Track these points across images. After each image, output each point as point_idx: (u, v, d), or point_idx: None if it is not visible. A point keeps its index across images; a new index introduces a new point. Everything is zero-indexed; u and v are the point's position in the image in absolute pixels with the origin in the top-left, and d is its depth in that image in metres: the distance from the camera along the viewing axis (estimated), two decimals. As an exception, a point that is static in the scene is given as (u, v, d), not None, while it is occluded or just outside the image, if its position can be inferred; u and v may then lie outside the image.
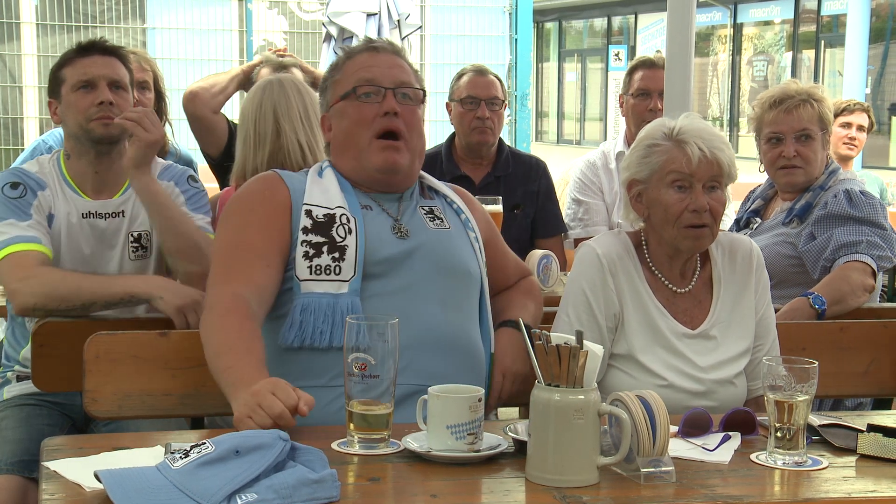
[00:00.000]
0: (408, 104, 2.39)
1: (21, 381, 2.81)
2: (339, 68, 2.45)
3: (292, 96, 3.19)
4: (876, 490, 1.83)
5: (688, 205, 2.36)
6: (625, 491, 1.77)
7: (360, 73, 2.39)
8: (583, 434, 1.77)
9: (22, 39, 10.44)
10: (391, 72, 2.39)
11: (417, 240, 2.36)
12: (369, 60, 2.41)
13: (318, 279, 2.26)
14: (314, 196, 2.34)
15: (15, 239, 2.61)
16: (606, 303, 2.41)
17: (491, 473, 1.84)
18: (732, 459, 1.93)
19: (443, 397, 1.88)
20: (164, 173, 2.83)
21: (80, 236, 2.73)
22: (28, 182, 2.70)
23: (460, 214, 2.49)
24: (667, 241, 2.43)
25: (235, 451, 1.67)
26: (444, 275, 2.35)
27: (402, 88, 2.39)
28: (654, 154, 2.40)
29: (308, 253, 2.27)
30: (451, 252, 2.39)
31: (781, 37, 22.85)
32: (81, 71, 2.71)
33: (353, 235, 2.29)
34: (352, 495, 1.69)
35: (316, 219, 2.31)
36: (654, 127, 2.45)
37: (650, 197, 2.42)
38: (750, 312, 2.49)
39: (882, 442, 1.96)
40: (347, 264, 2.27)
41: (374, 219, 2.36)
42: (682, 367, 2.41)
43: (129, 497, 1.59)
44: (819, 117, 3.17)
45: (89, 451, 1.86)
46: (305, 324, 2.23)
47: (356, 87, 2.38)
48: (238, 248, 2.28)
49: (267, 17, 10.88)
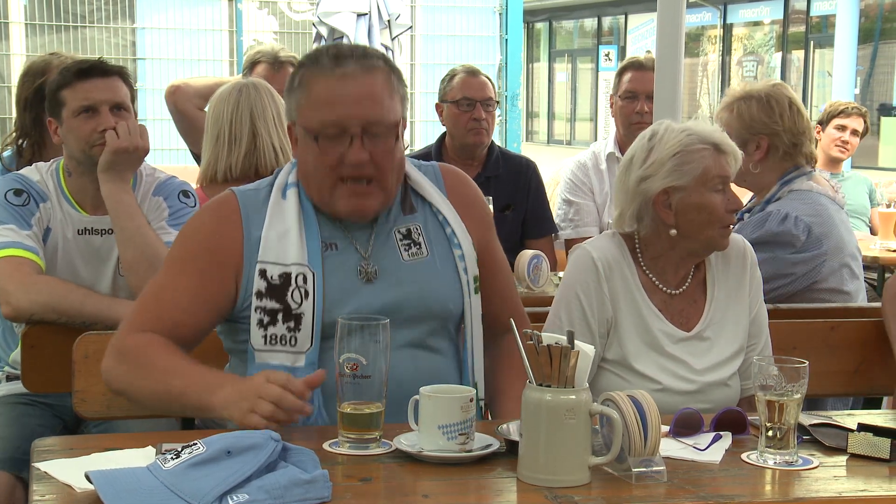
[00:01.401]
0: (379, 143, 2.13)
1: (11, 381, 2.81)
2: (304, 86, 2.15)
3: (267, 100, 3.22)
4: (866, 490, 1.83)
5: (728, 205, 2.41)
6: (616, 491, 1.77)
7: (324, 110, 2.11)
8: (574, 434, 1.77)
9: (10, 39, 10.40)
10: (359, 108, 2.10)
11: (386, 281, 2.17)
12: (336, 91, 2.11)
13: (272, 349, 2.13)
14: (270, 247, 2.14)
15: (15, 244, 2.60)
16: (600, 308, 2.41)
17: (482, 473, 1.84)
18: (723, 459, 1.93)
19: (434, 397, 1.88)
20: (161, 188, 2.81)
21: (75, 252, 2.71)
22: (32, 192, 2.68)
23: (445, 228, 2.26)
24: (701, 243, 2.43)
25: (227, 452, 1.67)
26: (417, 320, 2.18)
27: (373, 128, 2.12)
28: (695, 160, 2.39)
29: (262, 321, 2.12)
30: (426, 291, 2.19)
31: (771, 37, 22.91)
32: (83, 96, 2.66)
33: (310, 300, 2.12)
34: (343, 496, 1.69)
35: (270, 280, 2.12)
36: (677, 133, 2.41)
37: (689, 202, 2.39)
38: (744, 312, 2.50)
39: (872, 441, 1.96)
40: (304, 335, 2.12)
41: (338, 262, 2.17)
42: (677, 369, 2.42)
43: (120, 498, 1.59)
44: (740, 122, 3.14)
45: (80, 451, 1.86)
46: None
47: (320, 131, 2.12)
48: (163, 291, 2.15)
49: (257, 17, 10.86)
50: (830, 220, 3.07)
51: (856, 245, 3.19)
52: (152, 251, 2.62)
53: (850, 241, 3.15)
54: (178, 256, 2.20)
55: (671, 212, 2.41)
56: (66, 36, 10.19)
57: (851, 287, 3.09)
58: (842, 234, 3.10)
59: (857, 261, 3.18)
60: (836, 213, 3.12)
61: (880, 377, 2.78)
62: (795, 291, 3.04)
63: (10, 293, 2.55)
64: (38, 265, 2.61)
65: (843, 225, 3.15)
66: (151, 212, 2.78)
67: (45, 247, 2.66)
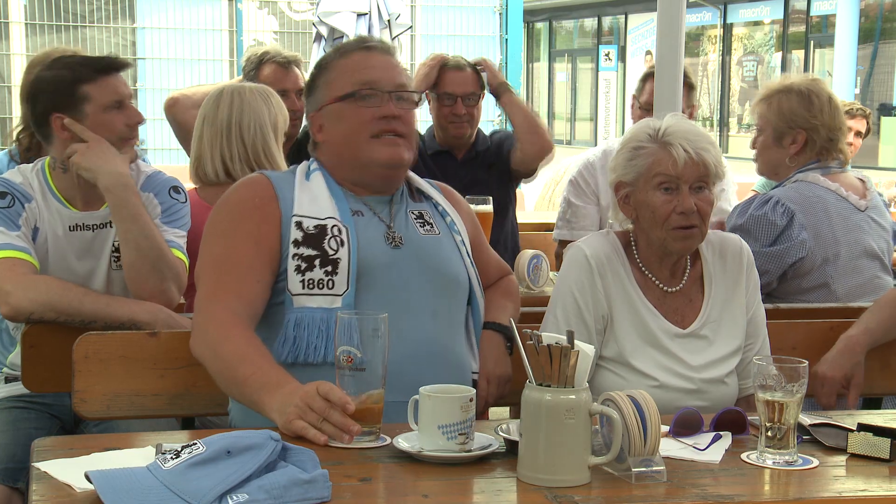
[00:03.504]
0: (405, 107, 2.36)
1: (9, 384, 2.80)
2: (330, 67, 2.40)
3: (259, 103, 3.21)
4: (866, 489, 1.83)
5: (675, 206, 2.36)
6: (616, 490, 1.77)
7: (357, 74, 2.35)
8: (574, 434, 1.77)
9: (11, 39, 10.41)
10: (389, 74, 2.36)
11: (410, 248, 2.34)
12: (365, 61, 2.37)
13: (310, 293, 2.23)
14: (304, 206, 2.30)
15: (7, 245, 2.58)
16: (595, 304, 2.41)
17: (482, 473, 1.84)
18: (723, 459, 1.93)
19: (434, 397, 1.88)
20: (149, 183, 2.77)
21: (68, 249, 2.69)
22: (15, 193, 2.65)
23: (446, 217, 2.46)
24: (656, 242, 2.43)
25: (227, 452, 1.67)
26: (436, 285, 2.33)
27: (400, 91, 2.36)
28: (639, 156, 2.40)
29: (300, 267, 2.24)
30: (442, 260, 2.37)
31: (771, 37, 22.92)
32: (112, 90, 2.66)
33: (346, 248, 2.26)
34: (343, 495, 1.69)
35: (307, 231, 2.26)
36: (640, 128, 2.45)
37: (637, 199, 2.42)
38: (741, 311, 2.50)
39: (872, 441, 1.96)
40: (340, 278, 2.24)
41: (366, 226, 2.33)
42: (674, 366, 2.42)
43: (119, 498, 1.59)
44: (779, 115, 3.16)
45: (80, 451, 1.85)
46: (299, 339, 2.21)
47: (356, 90, 2.33)
48: (227, 262, 2.25)
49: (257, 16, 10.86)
50: (822, 213, 3.09)
51: (877, 245, 3.19)
52: (156, 251, 2.61)
53: (855, 238, 3.15)
54: (224, 230, 2.30)
55: (630, 207, 2.43)
56: (66, 35, 10.20)
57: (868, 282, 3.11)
58: (836, 229, 3.10)
59: (874, 260, 3.19)
60: (838, 209, 3.12)
61: (879, 377, 2.78)
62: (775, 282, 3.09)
63: (9, 293, 2.54)
64: (33, 265, 2.60)
65: (851, 223, 3.14)
66: None
67: (35, 245, 2.65)
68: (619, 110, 23.09)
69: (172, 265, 2.64)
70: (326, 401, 1.90)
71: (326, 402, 1.90)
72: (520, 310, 2.60)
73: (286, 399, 1.95)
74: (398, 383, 2.04)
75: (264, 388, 2.01)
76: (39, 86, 2.70)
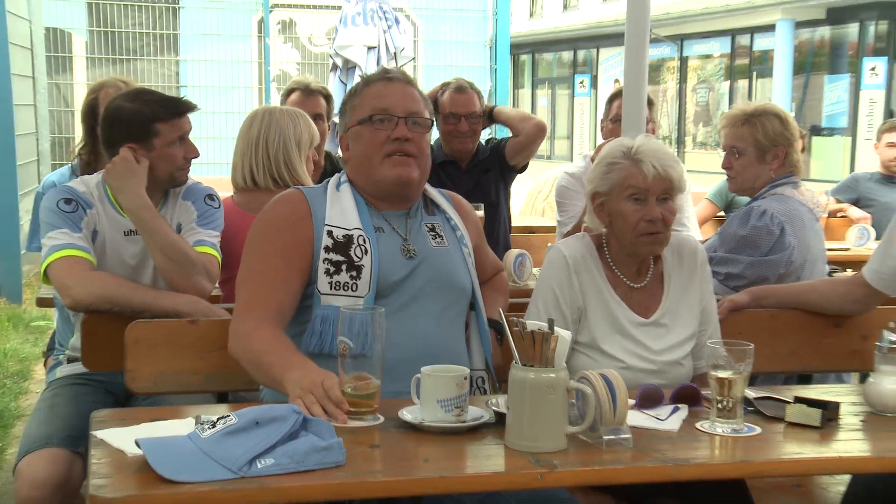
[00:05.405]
0: (417, 130, 2.32)
1: (71, 363, 2.79)
2: (358, 94, 2.37)
3: (287, 122, 3.17)
4: (801, 452, 1.84)
5: (643, 215, 2.35)
6: (589, 455, 1.76)
7: (375, 101, 2.32)
8: (554, 407, 1.77)
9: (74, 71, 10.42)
10: (403, 102, 2.32)
11: (422, 258, 2.30)
12: (384, 90, 2.34)
13: (336, 294, 2.21)
14: (334, 217, 2.28)
15: (69, 245, 2.57)
16: (571, 298, 2.40)
17: (475, 441, 1.83)
18: (681, 428, 1.93)
19: (434, 376, 1.88)
20: (188, 192, 2.79)
21: (121, 250, 2.68)
22: (79, 200, 2.65)
23: (456, 231, 2.42)
24: (626, 245, 2.42)
25: (256, 423, 1.66)
26: (442, 292, 2.30)
27: (413, 117, 2.32)
28: (614, 171, 2.39)
29: (329, 270, 2.22)
30: (450, 271, 2.34)
31: (720, 68, 22.91)
32: (178, 128, 2.69)
33: (369, 256, 2.24)
34: (355, 460, 1.68)
35: (336, 239, 2.24)
36: (615, 146, 2.44)
37: (611, 208, 2.41)
38: (695, 302, 2.49)
39: (806, 412, 1.96)
40: (363, 282, 2.22)
41: (386, 240, 2.30)
42: (638, 350, 2.41)
43: (164, 462, 1.58)
44: (764, 135, 3.11)
45: (131, 422, 1.85)
46: (325, 333, 2.19)
47: (372, 115, 2.31)
48: (261, 276, 2.22)
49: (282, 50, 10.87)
50: (801, 223, 3.06)
51: (823, 250, 3.18)
52: (180, 255, 2.60)
53: (818, 245, 3.14)
54: (261, 247, 2.27)
55: (604, 214, 2.41)
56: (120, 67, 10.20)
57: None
58: (809, 237, 3.08)
59: (824, 262, 3.19)
60: (809, 220, 3.10)
61: (812, 358, 2.79)
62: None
63: (70, 287, 2.53)
64: (91, 262, 2.59)
65: (815, 231, 3.13)
66: (182, 214, 2.76)
67: (94, 246, 2.64)
68: (592, 130, 23.07)
69: (198, 262, 2.63)
70: (324, 390, 1.88)
71: (324, 394, 1.88)
72: (509, 299, 2.60)
73: (297, 380, 1.93)
74: (405, 374, 2.00)
75: (284, 368, 2.00)
76: (119, 115, 2.69)
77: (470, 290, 2.38)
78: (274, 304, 2.19)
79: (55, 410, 2.62)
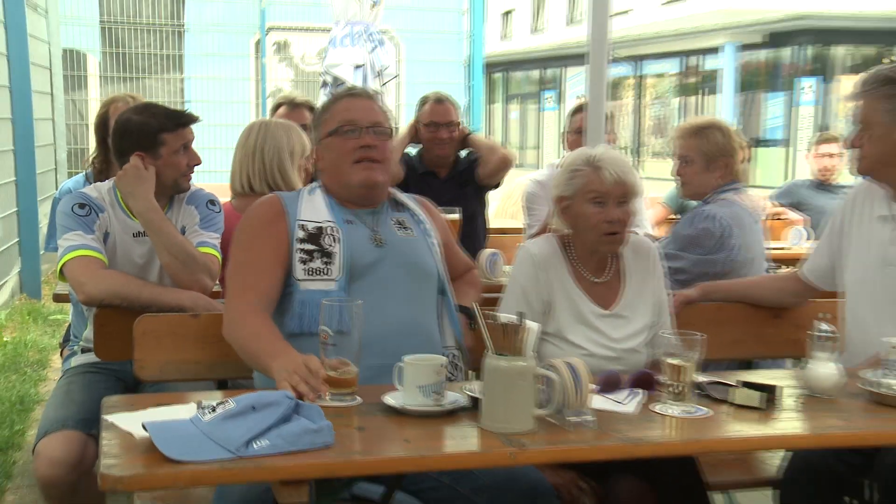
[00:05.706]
0: (380, 139, 2.35)
1: (84, 353, 2.78)
2: (327, 110, 2.40)
3: (281, 134, 3.17)
4: (746, 431, 1.84)
5: (604, 217, 2.36)
6: (556, 435, 1.76)
7: (343, 114, 2.35)
8: (524, 392, 1.76)
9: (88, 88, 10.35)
10: (367, 114, 2.35)
11: (390, 246, 2.32)
12: (350, 104, 2.38)
13: (312, 279, 2.22)
14: (306, 213, 2.30)
15: (83, 245, 2.56)
16: (539, 292, 2.40)
17: (452, 423, 1.82)
18: (638, 410, 1.93)
19: (415, 364, 1.86)
20: (192, 197, 2.78)
21: (131, 250, 2.67)
22: (92, 205, 2.64)
23: (421, 225, 2.43)
24: (588, 244, 2.42)
25: (252, 407, 1.65)
26: (410, 275, 2.31)
27: (376, 127, 2.35)
28: (577, 176, 2.39)
29: (303, 258, 2.23)
30: (416, 256, 2.35)
31: (673, 86, 23.04)
32: (182, 138, 2.68)
33: (339, 244, 2.25)
34: (343, 441, 1.67)
35: (309, 231, 2.26)
36: (577, 154, 2.44)
37: (574, 210, 2.40)
38: (650, 296, 2.49)
39: (750, 394, 1.96)
40: (335, 267, 2.23)
41: (356, 231, 2.31)
42: (600, 339, 2.41)
43: (169, 444, 1.57)
44: (712, 145, 3.12)
45: (138, 407, 1.83)
46: (304, 315, 2.19)
47: (340, 126, 2.34)
48: (248, 266, 2.24)
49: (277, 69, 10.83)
50: (744, 226, 3.07)
51: (764, 249, 3.19)
52: (184, 254, 2.60)
53: (759, 245, 3.14)
54: (246, 241, 2.28)
55: (569, 216, 2.41)
56: (130, 84, 10.14)
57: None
58: (750, 238, 3.09)
59: (764, 260, 3.20)
60: (750, 222, 3.11)
61: (754, 346, 2.80)
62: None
63: (84, 284, 2.53)
64: (103, 261, 2.58)
65: (756, 233, 3.14)
66: (186, 217, 2.75)
67: (105, 247, 2.63)
68: (557, 141, 23.15)
69: (201, 261, 2.62)
70: (308, 369, 1.87)
71: (307, 370, 1.86)
72: (481, 293, 2.59)
73: (282, 365, 1.92)
74: (381, 350, 2.03)
75: (270, 357, 1.99)
76: (128, 126, 2.68)
77: (436, 275, 2.38)
78: (260, 289, 2.20)
79: (70, 396, 2.61)
